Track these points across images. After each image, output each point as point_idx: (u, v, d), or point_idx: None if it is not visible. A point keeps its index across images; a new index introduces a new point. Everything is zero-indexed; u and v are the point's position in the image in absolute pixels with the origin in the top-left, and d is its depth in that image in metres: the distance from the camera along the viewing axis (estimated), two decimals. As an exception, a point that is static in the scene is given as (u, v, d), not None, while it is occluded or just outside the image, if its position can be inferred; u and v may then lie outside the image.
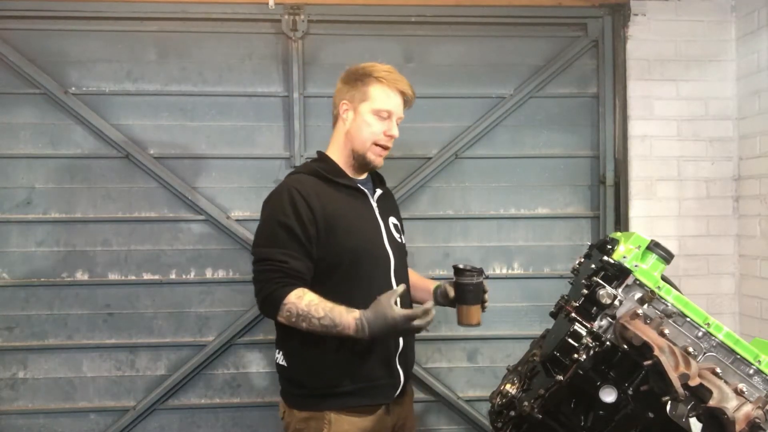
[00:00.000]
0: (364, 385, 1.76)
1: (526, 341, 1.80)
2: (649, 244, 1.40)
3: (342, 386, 1.74)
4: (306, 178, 1.81)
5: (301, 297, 1.66)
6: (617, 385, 1.29)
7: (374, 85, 1.81)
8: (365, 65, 1.86)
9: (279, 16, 2.61)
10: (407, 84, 1.86)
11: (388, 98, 1.82)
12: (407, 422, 1.93)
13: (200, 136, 2.62)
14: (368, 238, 1.81)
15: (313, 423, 1.74)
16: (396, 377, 1.81)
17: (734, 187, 2.75)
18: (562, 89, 2.74)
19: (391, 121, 1.83)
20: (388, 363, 1.79)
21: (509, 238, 2.74)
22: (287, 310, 1.67)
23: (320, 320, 1.64)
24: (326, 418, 1.73)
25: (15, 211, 2.56)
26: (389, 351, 1.79)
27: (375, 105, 1.81)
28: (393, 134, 1.84)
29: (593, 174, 2.76)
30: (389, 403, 1.81)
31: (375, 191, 1.92)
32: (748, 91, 2.67)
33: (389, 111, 1.82)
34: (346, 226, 1.76)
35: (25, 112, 2.56)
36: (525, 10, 2.69)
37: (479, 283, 1.83)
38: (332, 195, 1.79)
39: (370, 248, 1.80)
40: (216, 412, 2.64)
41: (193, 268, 2.62)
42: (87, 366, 2.60)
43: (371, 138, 1.82)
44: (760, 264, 2.62)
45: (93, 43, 2.58)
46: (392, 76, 1.83)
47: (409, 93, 1.86)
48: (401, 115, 1.87)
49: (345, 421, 1.74)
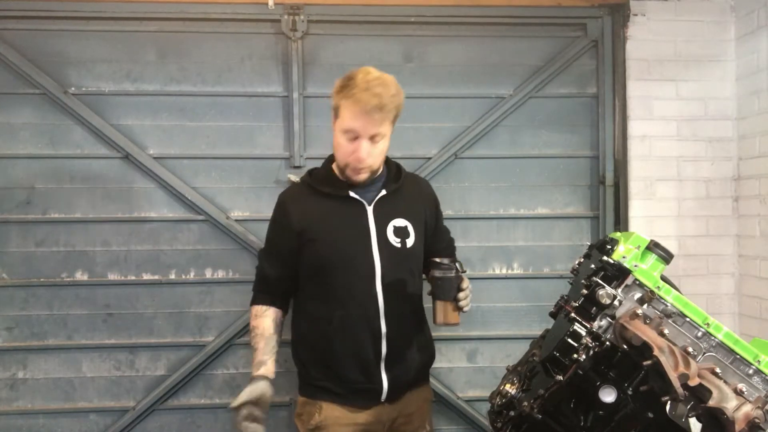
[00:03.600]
0: (343, 391, 1.82)
1: (526, 341, 1.80)
2: (648, 244, 1.40)
3: (327, 385, 1.84)
4: (296, 188, 1.96)
5: (258, 316, 1.90)
6: (617, 385, 1.28)
7: (343, 101, 1.73)
8: (348, 76, 1.75)
9: (278, 16, 2.61)
10: (377, 102, 1.69)
11: (353, 118, 1.71)
12: (414, 419, 1.92)
13: (200, 136, 2.62)
14: (347, 248, 1.82)
15: (308, 407, 1.86)
16: (377, 383, 1.82)
17: (734, 188, 2.75)
18: (562, 89, 2.74)
19: (360, 141, 1.73)
20: (367, 369, 1.81)
21: (509, 238, 2.74)
22: (250, 314, 1.94)
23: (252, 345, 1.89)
24: (317, 404, 1.84)
25: (15, 211, 2.56)
26: (368, 357, 1.81)
27: (342, 125, 1.75)
28: (360, 157, 1.74)
29: (593, 174, 2.76)
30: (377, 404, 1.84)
31: (381, 191, 1.88)
32: (748, 91, 2.67)
33: (354, 131, 1.73)
34: (322, 236, 1.82)
35: (24, 112, 2.56)
36: (524, 10, 2.69)
37: (450, 278, 1.77)
38: (314, 205, 1.86)
39: (347, 259, 1.81)
40: (216, 412, 2.64)
41: (192, 268, 2.62)
42: (87, 366, 2.60)
43: (343, 158, 1.80)
44: (759, 264, 2.62)
45: (92, 44, 2.58)
46: (363, 96, 1.68)
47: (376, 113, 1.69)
48: (374, 134, 1.74)
49: (335, 409, 1.83)
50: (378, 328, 1.81)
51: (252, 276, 2.00)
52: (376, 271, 1.82)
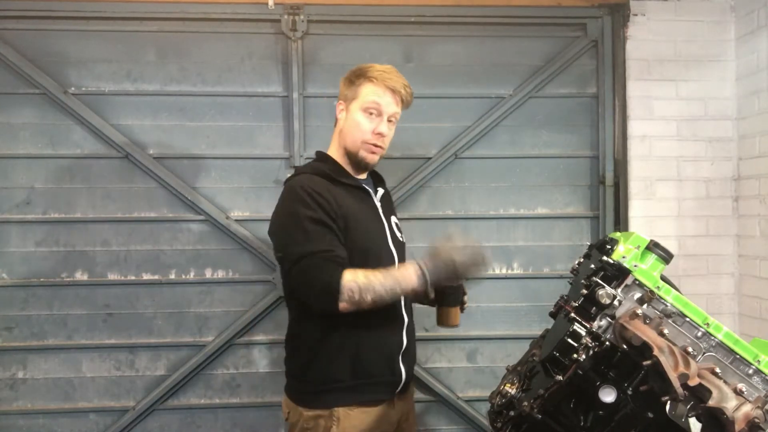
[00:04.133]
0: (364, 381, 1.76)
1: (526, 341, 1.80)
2: (648, 244, 1.40)
3: (344, 381, 1.75)
4: (315, 178, 1.78)
5: (355, 273, 1.65)
6: (617, 385, 1.28)
7: (366, 84, 1.80)
8: (364, 66, 1.84)
9: (278, 16, 2.61)
10: (402, 83, 1.81)
11: (376, 95, 1.79)
12: (410, 417, 1.94)
13: (200, 136, 2.62)
14: (375, 238, 1.82)
15: (322, 421, 1.74)
16: (398, 375, 1.81)
17: (734, 188, 2.75)
18: (562, 89, 2.74)
19: (381, 118, 1.80)
20: (391, 361, 1.80)
21: (509, 238, 2.75)
22: (349, 290, 1.63)
23: (383, 285, 1.64)
24: (335, 415, 1.73)
25: (14, 211, 2.56)
26: (392, 349, 1.80)
27: (365, 102, 1.80)
28: (381, 131, 1.80)
29: (593, 174, 2.76)
30: (392, 398, 1.82)
31: (377, 190, 1.93)
32: (748, 91, 2.67)
33: (377, 105, 1.79)
34: (357, 225, 1.76)
35: (24, 112, 2.56)
36: (524, 10, 2.69)
37: (458, 287, 1.82)
38: (341, 194, 1.78)
39: (377, 248, 1.81)
40: (215, 413, 2.64)
41: (192, 268, 2.62)
42: (86, 366, 2.60)
43: (360, 136, 1.80)
44: (759, 264, 2.62)
45: (93, 43, 2.58)
46: (385, 75, 1.80)
47: (402, 91, 1.81)
48: (394, 112, 1.82)
49: (353, 417, 1.75)
50: (402, 318, 1.83)
51: (253, 276, 1.99)
52: (395, 262, 1.83)
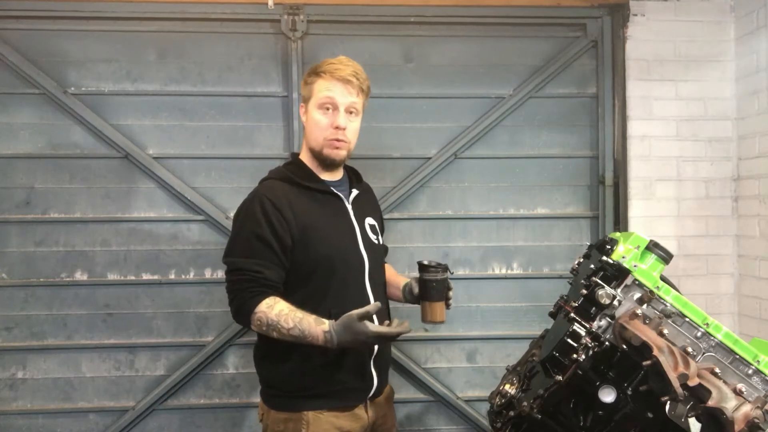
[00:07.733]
0: (334, 388, 1.77)
1: (526, 341, 1.80)
2: (648, 244, 1.40)
3: (314, 388, 1.76)
4: (278, 185, 1.82)
5: (271, 306, 1.69)
6: (616, 385, 1.29)
7: (317, 81, 1.81)
8: (316, 64, 1.86)
9: (278, 16, 2.61)
10: (351, 71, 1.79)
11: (328, 90, 1.79)
12: (387, 419, 1.94)
13: (199, 136, 2.62)
14: (342, 244, 1.81)
15: (291, 424, 1.76)
16: (368, 381, 1.82)
17: (733, 188, 2.75)
18: (562, 89, 2.74)
19: (338, 111, 1.79)
20: (362, 369, 1.80)
21: (508, 238, 2.75)
22: (257, 319, 1.70)
23: (289, 330, 1.67)
24: (304, 419, 1.75)
25: (14, 211, 2.56)
26: (363, 358, 1.80)
27: (318, 98, 1.80)
28: (339, 124, 1.78)
29: (592, 174, 2.76)
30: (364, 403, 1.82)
31: (351, 191, 1.91)
32: (747, 92, 2.67)
33: (330, 99, 1.78)
34: (319, 234, 1.77)
35: (24, 112, 2.56)
36: (524, 10, 2.69)
37: (443, 280, 1.83)
38: (305, 202, 1.80)
39: (343, 255, 1.80)
40: (215, 412, 2.64)
41: (192, 268, 2.62)
42: (86, 366, 2.60)
43: (321, 134, 1.81)
44: (759, 264, 2.62)
45: (92, 43, 2.58)
46: (333, 67, 1.79)
47: (354, 80, 1.79)
48: (350, 103, 1.80)
49: (323, 421, 1.76)
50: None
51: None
52: (365, 267, 1.83)
